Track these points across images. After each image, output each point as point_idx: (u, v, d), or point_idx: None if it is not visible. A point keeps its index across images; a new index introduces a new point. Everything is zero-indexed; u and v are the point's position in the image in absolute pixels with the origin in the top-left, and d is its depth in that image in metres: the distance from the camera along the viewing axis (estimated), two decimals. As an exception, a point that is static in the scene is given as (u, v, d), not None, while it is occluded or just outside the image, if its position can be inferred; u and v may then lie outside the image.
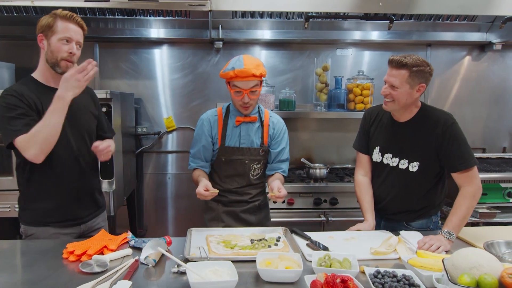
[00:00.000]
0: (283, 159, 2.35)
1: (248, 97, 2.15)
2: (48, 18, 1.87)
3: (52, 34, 1.86)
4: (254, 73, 2.08)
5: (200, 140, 2.29)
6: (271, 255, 1.59)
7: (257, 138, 2.29)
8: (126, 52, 3.69)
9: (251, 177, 2.33)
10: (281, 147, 2.34)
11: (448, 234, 1.84)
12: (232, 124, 2.28)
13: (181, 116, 3.79)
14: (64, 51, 1.87)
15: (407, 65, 1.91)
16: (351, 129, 3.82)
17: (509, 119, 3.97)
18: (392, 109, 2.06)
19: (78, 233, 2.06)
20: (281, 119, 2.40)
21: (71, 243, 1.74)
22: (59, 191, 1.96)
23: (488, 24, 3.70)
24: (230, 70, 2.10)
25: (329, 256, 1.57)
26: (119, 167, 2.99)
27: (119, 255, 1.70)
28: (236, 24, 3.54)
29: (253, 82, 2.13)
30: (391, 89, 1.97)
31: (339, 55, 3.82)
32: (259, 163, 2.33)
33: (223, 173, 2.33)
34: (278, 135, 2.34)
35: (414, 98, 2.00)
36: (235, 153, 2.28)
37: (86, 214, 2.08)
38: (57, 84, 1.83)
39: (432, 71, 1.97)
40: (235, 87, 2.15)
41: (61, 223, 1.98)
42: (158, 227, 3.90)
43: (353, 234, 1.99)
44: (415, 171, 2.05)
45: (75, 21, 1.91)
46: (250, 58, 2.15)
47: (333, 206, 3.14)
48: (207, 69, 3.74)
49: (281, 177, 2.32)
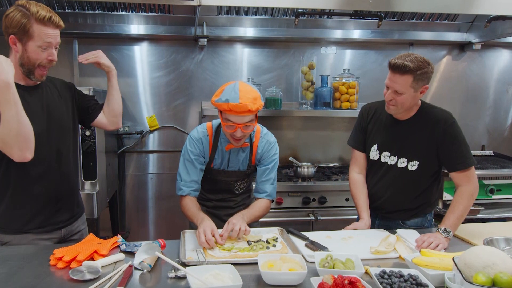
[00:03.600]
0: (268, 178, 2.13)
1: (241, 131, 1.93)
2: (20, 17, 1.67)
3: (29, 40, 1.70)
4: (250, 108, 1.85)
5: (194, 162, 2.07)
6: (272, 257, 1.55)
7: (245, 161, 2.17)
8: (106, 49, 3.46)
9: (236, 191, 2.26)
10: (267, 166, 2.14)
11: (445, 232, 1.84)
12: (222, 148, 2.11)
13: (164, 115, 3.69)
14: (43, 58, 1.74)
15: (411, 70, 1.85)
16: (337, 127, 3.84)
17: (486, 117, 4.07)
18: (395, 113, 2.03)
19: (59, 237, 1.94)
20: (271, 140, 2.17)
21: (58, 249, 1.64)
22: (37, 195, 1.83)
23: (468, 24, 3.78)
24: (224, 103, 1.86)
25: (331, 256, 1.53)
26: (102, 168, 2.88)
27: (111, 260, 1.61)
28: (221, 21, 3.47)
29: (248, 117, 1.91)
30: (395, 95, 1.93)
31: (324, 53, 3.81)
32: (244, 179, 2.25)
33: (206, 186, 2.22)
34: (265, 156, 2.14)
35: (417, 99, 1.99)
36: (221, 175, 2.17)
37: (67, 218, 1.97)
38: (28, 82, 1.79)
39: (433, 69, 1.93)
40: (228, 120, 1.92)
41: (41, 228, 1.86)
42: (140, 229, 3.80)
43: (350, 233, 1.97)
44: (414, 170, 2.04)
45: (53, 23, 1.72)
46: (246, 90, 1.89)
47: (322, 205, 3.12)
48: (191, 67, 3.66)
49: (260, 205, 2.10)
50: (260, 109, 1.93)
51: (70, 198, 1.98)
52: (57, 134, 1.88)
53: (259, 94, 1.96)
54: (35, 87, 1.85)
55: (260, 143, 2.15)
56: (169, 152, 3.72)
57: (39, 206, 1.85)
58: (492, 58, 4.01)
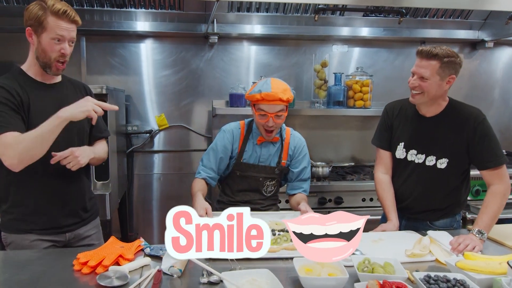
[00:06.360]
0: (304, 178, 2.31)
1: (272, 121, 2.10)
2: (38, 9, 1.68)
3: (43, 31, 1.70)
4: (281, 97, 2.05)
5: (218, 150, 2.23)
6: (308, 261, 1.48)
7: (275, 157, 2.27)
8: (114, 46, 3.48)
9: (264, 193, 2.31)
10: (302, 166, 2.30)
11: (479, 234, 1.78)
12: (254, 141, 2.25)
13: (172, 114, 3.62)
14: (56, 51, 1.72)
15: (438, 56, 1.84)
16: (350, 126, 3.79)
17: (498, 116, 4.03)
18: (420, 102, 1.98)
19: (64, 241, 1.88)
20: (302, 138, 2.35)
21: (82, 253, 1.56)
22: (42, 196, 1.79)
23: (481, 22, 3.73)
24: (257, 93, 2.08)
25: (369, 260, 1.47)
26: (113, 168, 2.80)
27: (137, 265, 1.54)
28: (231, 18, 3.40)
29: (279, 107, 2.09)
30: (420, 81, 1.90)
31: (335, 51, 3.75)
32: (273, 180, 2.31)
33: (236, 187, 2.30)
34: (299, 154, 2.30)
35: (443, 90, 1.94)
36: (251, 170, 2.25)
37: (73, 222, 1.90)
38: (46, 79, 1.79)
39: (462, 62, 1.91)
40: (261, 110, 2.11)
41: (44, 230, 1.81)
42: (150, 230, 3.72)
43: (380, 235, 1.90)
44: (443, 168, 1.98)
45: (68, 17, 1.71)
46: (277, 82, 2.12)
47: (338, 206, 3.06)
48: (201, 65, 3.59)
49: (305, 198, 2.26)
50: (290, 101, 2.11)
51: (77, 202, 1.91)
52: (67, 134, 1.79)
53: (289, 87, 2.15)
54: (53, 85, 1.84)
55: (292, 140, 2.30)
56: (178, 152, 3.65)
57: (43, 207, 1.80)
58: (504, 56, 3.97)
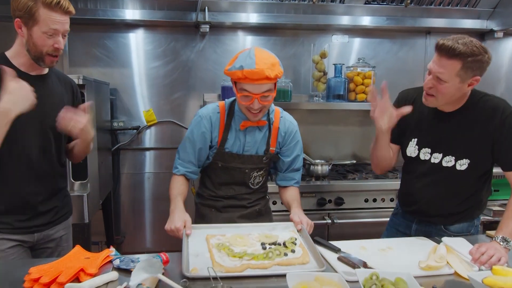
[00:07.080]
0: (297, 168, 2.00)
1: (258, 103, 1.72)
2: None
3: (34, 24, 1.55)
4: (268, 75, 1.63)
5: (195, 141, 1.88)
6: (304, 277, 1.24)
7: (263, 145, 1.92)
8: (99, 36, 3.25)
9: (251, 185, 1.98)
10: (295, 155, 1.98)
11: (504, 241, 1.53)
12: (236, 127, 1.88)
13: (162, 108, 3.40)
14: (49, 45, 1.58)
15: (461, 55, 1.52)
16: (351, 122, 3.56)
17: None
18: (433, 105, 1.71)
19: (32, 242, 1.73)
20: (294, 121, 1.99)
21: (34, 267, 1.32)
22: (9, 193, 1.65)
23: (489, 11, 3.50)
24: (238, 70, 1.65)
25: (377, 275, 1.23)
26: (94, 167, 2.56)
27: (101, 281, 1.30)
28: (223, 6, 3.16)
29: (266, 86, 1.69)
30: (436, 82, 1.60)
31: (335, 42, 3.51)
32: (261, 170, 1.97)
33: (218, 179, 1.97)
34: (291, 141, 1.96)
35: (462, 92, 1.66)
36: (235, 160, 1.91)
37: (44, 222, 1.75)
38: (31, 69, 1.64)
39: (490, 59, 1.58)
40: (243, 90, 1.71)
41: (11, 229, 1.66)
42: (137, 233, 3.50)
43: (388, 243, 1.66)
44: (464, 169, 1.72)
45: (62, 8, 1.56)
46: (263, 54, 1.69)
47: (339, 207, 2.82)
48: (192, 57, 3.36)
49: (298, 194, 1.99)
50: (279, 77, 1.72)
51: (48, 201, 1.76)
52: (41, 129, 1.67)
53: (278, 60, 1.74)
54: (37, 77, 1.68)
55: (281, 124, 1.94)
56: (167, 149, 3.42)
57: (10, 205, 1.66)
58: (512, 46, 3.75)
